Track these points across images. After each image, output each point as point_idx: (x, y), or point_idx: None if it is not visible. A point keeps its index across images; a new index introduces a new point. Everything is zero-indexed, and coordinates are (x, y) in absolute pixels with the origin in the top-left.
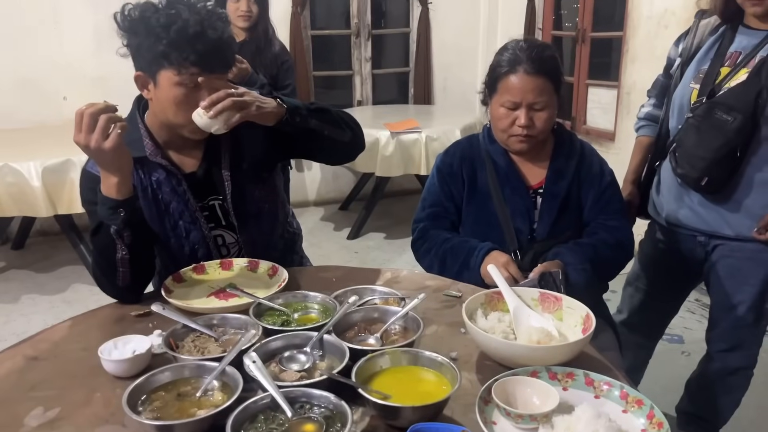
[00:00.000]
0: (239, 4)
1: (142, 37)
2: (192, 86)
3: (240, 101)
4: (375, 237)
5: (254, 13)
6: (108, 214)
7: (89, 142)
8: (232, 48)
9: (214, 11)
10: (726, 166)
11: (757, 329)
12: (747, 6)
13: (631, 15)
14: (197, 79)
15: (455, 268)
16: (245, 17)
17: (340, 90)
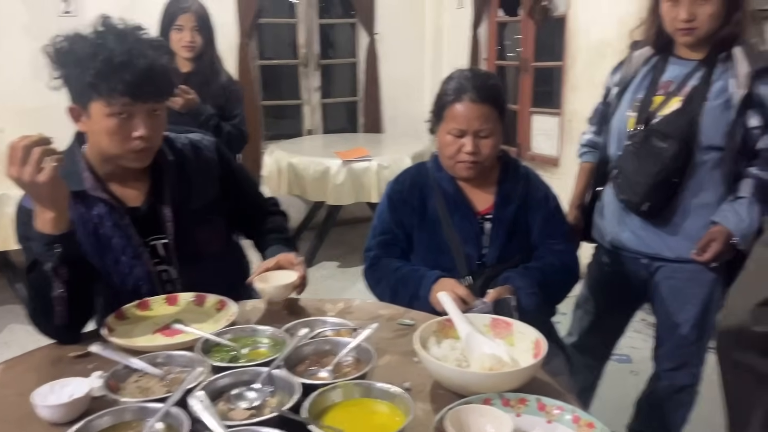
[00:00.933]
0: (182, 35)
1: (71, 69)
2: (125, 116)
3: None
4: (328, 266)
5: (198, 43)
6: (43, 250)
7: (22, 175)
8: (167, 76)
9: (145, 39)
10: (664, 191)
11: (700, 347)
12: (677, 36)
13: (570, 45)
14: (129, 108)
15: (406, 297)
16: (189, 48)
17: (290, 119)
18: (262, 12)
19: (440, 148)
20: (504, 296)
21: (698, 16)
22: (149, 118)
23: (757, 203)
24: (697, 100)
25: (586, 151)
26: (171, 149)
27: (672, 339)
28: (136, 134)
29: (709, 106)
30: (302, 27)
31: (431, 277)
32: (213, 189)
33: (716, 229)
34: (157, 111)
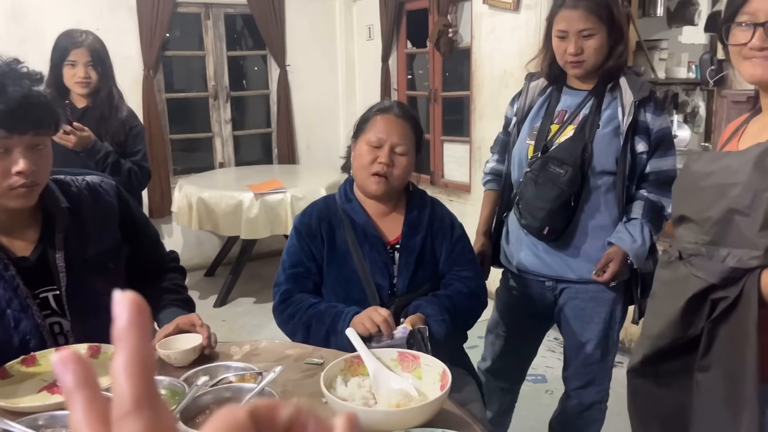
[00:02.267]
0: (76, 70)
1: None
2: (1, 151)
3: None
4: (244, 302)
5: (93, 79)
6: None
7: None
8: (47, 107)
9: (20, 70)
10: (563, 215)
11: (605, 364)
12: (568, 69)
13: (476, 76)
14: (5, 142)
15: (321, 333)
16: (83, 84)
17: (201, 152)
18: (168, 44)
19: (356, 161)
20: (417, 326)
21: (585, 50)
22: (30, 153)
23: (647, 223)
24: (589, 127)
25: (489, 179)
26: (65, 194)
27: (578, 358)
28: (15, 169)
29: (600, 134)
30: (211, 59)
31: (350, 312)
32: (111, 235)
33: (612, 250)
34: (39, 145)
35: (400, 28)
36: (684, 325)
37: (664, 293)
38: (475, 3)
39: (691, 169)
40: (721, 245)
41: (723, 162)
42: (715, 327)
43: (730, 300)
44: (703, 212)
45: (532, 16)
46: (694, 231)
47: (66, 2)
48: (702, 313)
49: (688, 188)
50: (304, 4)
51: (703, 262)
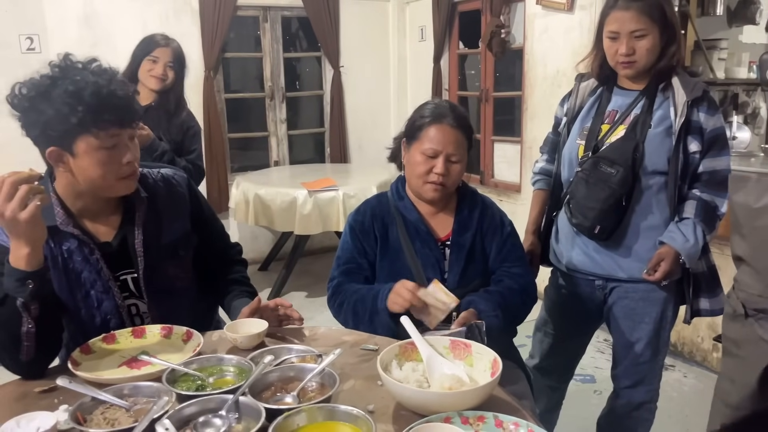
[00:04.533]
0: (156, 66)
1: (50, 112)
2: (111, 146)
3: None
4: (296, 296)
5: (170, 78)
6: (15, 286)
7: (4, 211)
8: (137, 102)
9: (110, 70)
10: (614, 214)
11: (655, 364)
12: (619, 69)
13: (528, 76)
14: (116, 138)
15: (366, 315)
16: (159, 80)
17: (257, 151)
18: (227, 46)
19: (410, 167)
20: (472, 321)
21: (637, 50)
22: (131, 143)
23: (700, 223)
24: (640, 127)
25: (539, 179)
26: (143, 185)
27: (628, 357)
28: (125, 160)
29: (652, 134)
30: (268, 60)
31: (386, 288)
32: (183, 225)
33: (664, 249)
34: (134, 137)
35: (453, 29)
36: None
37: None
38: (528, 4)
39: (736, 202)
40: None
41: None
42: None
43: None
44: (763, 259)
45: (586, 16)
46: (755, 279)
47: (134, 7)
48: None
49: (741, 225)
50: (358, 6)
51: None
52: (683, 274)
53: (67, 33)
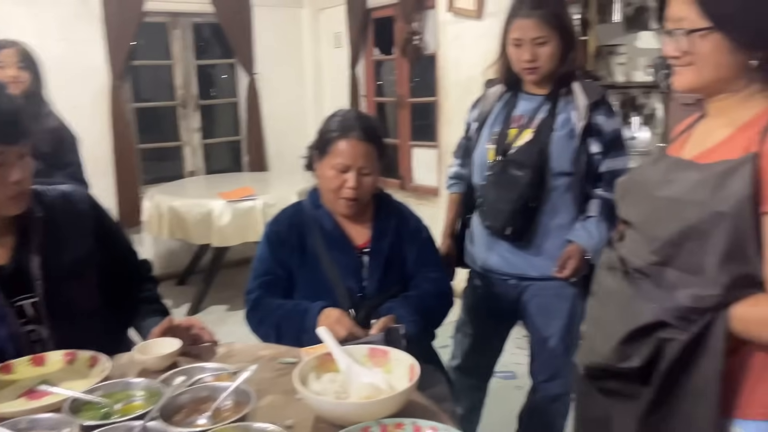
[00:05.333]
0: (5, 71)
1: None
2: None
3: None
4: (217, 310)
5: (25, 80)
6: None
7: None
8: (25, 118)
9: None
10: (524, 216)
11: (568, 358)
12: (524, 75)
13: (442, 82)
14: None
15: (292, 332)
16: (14, 84)
17: (170, 161)
18: (136, 54)
19: (322, 182)
20: (391, 325)
21: (539, 56)
22: (21, 162)
23: (603, 220)
24: (545, 131)
25: (453, 183)
26: (40, 203)
27: (543, 352)
28: (13, 179)
29: (556, 136)
30: (179, 68)
31: (316, 308)
32: (86, 243)
33: (571, 247)
34: (24, 155)
35: (368, 36)
36: (621, 356)
37: (606, 304)
38: (440, 11)
39: (645, 172)
40: (670, 267)
41: (682, 173)
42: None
43: (680, 343)
44: (653, 228)
45: (496, 23)
46: (640, 244)
47: (31, 12)
48: (642, 348)
49: (639, 193)
50: (271, 13)
51: (651, 290)
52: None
53: None
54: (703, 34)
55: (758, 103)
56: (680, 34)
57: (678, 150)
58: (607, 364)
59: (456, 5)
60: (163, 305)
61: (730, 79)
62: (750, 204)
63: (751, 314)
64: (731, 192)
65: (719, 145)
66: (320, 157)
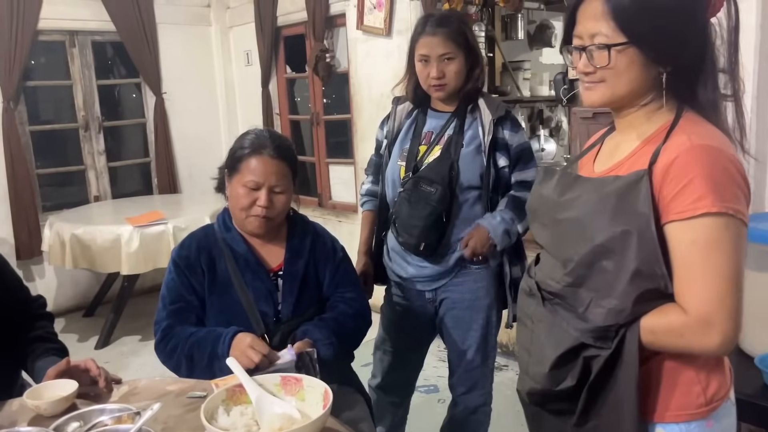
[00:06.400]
0: None
1: None
2: None
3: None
4: (129, 341)
5: None
6: None
7: None
8: None
9: None
10: (436, 230)
11: (486, 368)
12: (431, 92)
13: (355, 99)
14: None
15: (204, 360)
16: None
17: (74, 186)
18: (31, 74)
19: (233, 200)
20: (304, 350)
21: (446, 73)
22: None
23: (509, 211)
24: (453, 147)
25: (366, 200)
26: None
27: (461, 364)
28: None
29: (464, 152)
30: (79, 88)
31: (228, 333)
32: None
33: (476, 229)
34: None
35: (279, 54)
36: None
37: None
38: (349, 28)
39: (542, 194)
40: (583, 288)
41: (581, 192)
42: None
43: (603, 359)
44: (563, 250)
45: (404, 41)
46: (554, 267)
47: None
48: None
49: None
50: (178, 31)
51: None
52: (505, 282)
53: None
54: (620, 49)
55: (662, 117)
56: (595, 49)
57: (589, 164)
58: (543, 389)
59: (365, 23)
60: (59, 343)
61: (641, 93)
62: (651, 219)
63: (658, 324)
64: (632, 210)
65: (626, 159)
66: (231, 175)
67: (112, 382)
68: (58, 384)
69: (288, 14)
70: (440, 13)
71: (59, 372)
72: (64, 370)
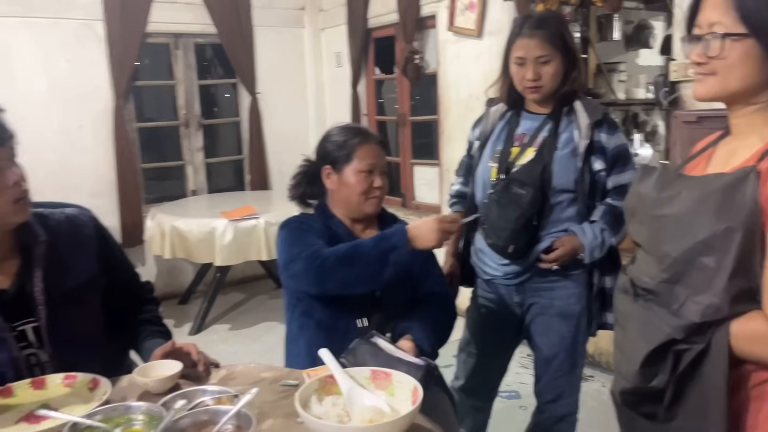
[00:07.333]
0: None
1: None
2: None
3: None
4: (219, 329)
5: None
6: None
7: None
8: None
9: None
10: (525, 234)
11: (574, 377)
12: (526, 94)
13: (442, 100)
14: None
15: (372, 256)
16: None
17: (173, 180)
18: (138, 74)
19: (347, 189)
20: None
21: (542, 75)
22: (14, 165)
23: (606, 225)
24: (547, 150)
25: (455, 201)
26: (45, 227)
27: (548, 372)
28: (11, 181)
29: (558, 155)
30: (181, 88)
31: (401, 227)
32: (89, 268)
33: (569, 238)
34: (14, 158)
35: (368, 55)
36: (647, 377)
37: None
38: (440, 30)
39: (640, 192)
40: (679, 285)
41: (682, 189)
42: (683, 384)
43: (694, 353)
44: (660, 246)
45: (495, 42)
46: (650, 264)
47: (33, 33)
48: (665, 365)
49: (643, 213)
50: (273, 33)
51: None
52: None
53: None
54: (736, 40)
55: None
56: (711, 39)
57: (698, 169)
58: (634, 387)
59: (456, 24)
60: (164, 327)
61: (755, 90)
62: (756, 218)
63: (742, 330)
64: (738, 206)
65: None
66: (340, 167)
67: (210, 365)
68: (164, 364)
69: (379, 16)
70: (538, 14)
71: (165, 353)
72: (169, 351)
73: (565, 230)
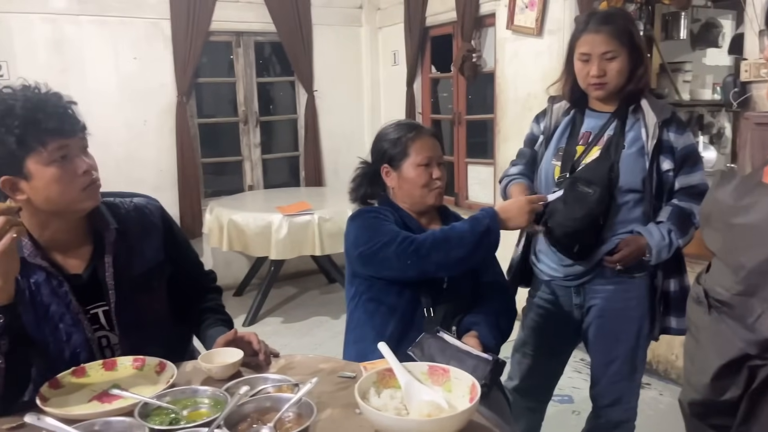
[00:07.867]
0: None
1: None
2: (62, 158)
3: None
4: (272, 322)
5: None
6: None
7: None
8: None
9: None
10: (592, 233)
11: (633, 382)
12: (590, 91)
13: (500, 99)
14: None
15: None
16: None
17: (231, 175)
18: (200, 71)
19: (408, 184)
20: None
21: (608, 72)
22: (85, 154)
23: (673, 226)
24: (614, 148)
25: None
26: (115, 215)
27: (606, 376)
28: (81, 170)
29: (625, 154)
30: (241, 85)
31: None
32: (156, 255)
33: (635, 239)
34: (86, 147)
35: (425, 54)
36: (718, 391)
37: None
38: (498, 28)
39: (717, 198)
40: (754, 297)
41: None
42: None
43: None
44: (736, 256)
45: (555, 41)
46: (725, 274)
47: (105, 33)
48: (738, 379)
49: (718, 220)
50: (331, 31)
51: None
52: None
53: (36, 59)
54: None
55: None
56: None
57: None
58: (704, 399)
59: (516, 23)
60: (227, 315)
61: None
62: None
63: None
64: None
65: None
66: (398, 163)
67: (270, 355)
68: (227, 351)
69: (437, 15)
70: (604, 10)
71: (227, 341)
72: (231, 339)
73: (631, 231)
